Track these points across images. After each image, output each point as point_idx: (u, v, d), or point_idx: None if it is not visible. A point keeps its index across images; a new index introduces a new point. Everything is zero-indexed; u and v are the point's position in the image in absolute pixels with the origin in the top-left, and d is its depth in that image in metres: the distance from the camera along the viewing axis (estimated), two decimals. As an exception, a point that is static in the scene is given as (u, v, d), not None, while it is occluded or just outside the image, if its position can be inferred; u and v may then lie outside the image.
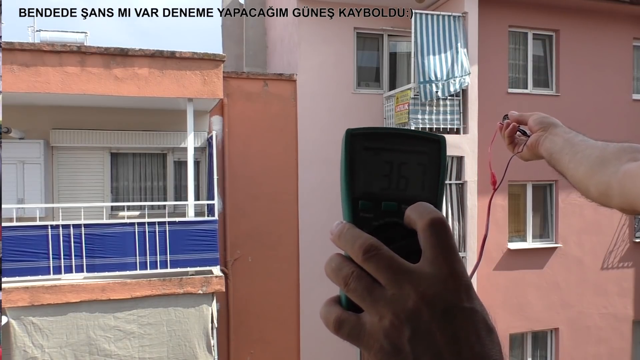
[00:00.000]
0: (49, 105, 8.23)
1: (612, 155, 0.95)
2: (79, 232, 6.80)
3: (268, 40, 12.13)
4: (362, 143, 0.43)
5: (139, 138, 8.79)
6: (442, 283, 0.40)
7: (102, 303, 6.71)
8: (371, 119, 9.60)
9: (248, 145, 9.13)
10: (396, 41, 10.15)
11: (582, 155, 1.01)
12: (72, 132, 8.48)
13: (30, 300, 6.47)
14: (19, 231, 6.70)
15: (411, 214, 0.42)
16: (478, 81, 8.95)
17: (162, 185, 9.19)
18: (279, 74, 9.51)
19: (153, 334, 6.85)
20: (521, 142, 1.20)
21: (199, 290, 7.01)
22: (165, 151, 9.13)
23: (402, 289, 0.40)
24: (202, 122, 9.01)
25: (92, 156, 8.75)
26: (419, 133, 0.44)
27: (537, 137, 1.14)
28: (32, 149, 8.22)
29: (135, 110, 8.63)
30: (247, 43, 12.24)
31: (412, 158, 0.44)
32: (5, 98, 7.09)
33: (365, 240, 0.41)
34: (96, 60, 7.13)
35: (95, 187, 8.77)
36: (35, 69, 6.92)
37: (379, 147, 0.43)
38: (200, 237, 7.26)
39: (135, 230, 7.01)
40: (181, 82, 7.41)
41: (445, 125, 8.75)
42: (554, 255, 10.11)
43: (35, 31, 9.48)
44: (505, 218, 9.71)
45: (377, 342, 0.39)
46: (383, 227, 0.42)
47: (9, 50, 6.76)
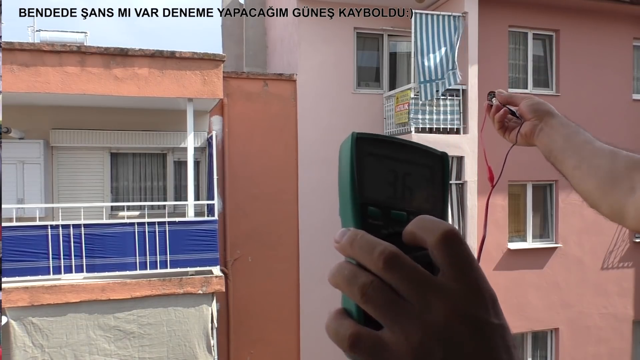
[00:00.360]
0: (49, 105, 8.23)
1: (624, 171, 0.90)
2: (78, 232, 6.80)
3: (268, 40, 12.12)
4: (368, 148, 0.41)
5: (138, 138, 8.79)
6: (471, 298, 0.37)
7: (102, 303, 6.71)
8: (371, 119, 9.60)
9: (248, 145, 9.13)
10: (396, 41, 10.15)
11: (589, 165, 0.95)
12: (72, 132, 8.48)
13: (30, 300, 6.47)
14: (19, 231, 6.69)
15: (416, 230, 0.39)
16: (478, 81, 8.95)
17: (162, 185, 9.19)
18: (279, 74, 9.52)
19: (153, 334, 6.85)
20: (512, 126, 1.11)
21: (199, 290, 7.00)
22: (165, 151, 9.13)
23: (430, 303, 0.36)
24: (202, 122, 9.01)
25: (92, 156, 8.75)
26: (422, 147, 0.43)
27: (531, 127, 1.06)
28: (32, 149, 8.22)
29: (135, 110, 8.63)
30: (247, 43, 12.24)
31: (416, 170, 0.43)
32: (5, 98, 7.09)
33: (385, 247, 0.37)
34: (96, 60, 7.13)
35: (95, 187, 8.77)
36: (35, 69, 6.92)
37: (384, 154, 0.42)
38: (200, 237, 7.26)
39: (135, 230, 7.01)
40: (181, 82, 7.41)
41: (445, 125, 8.75)
42: (554, 255, 10.11)
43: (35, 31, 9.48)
44: (505, 218, 9.71)
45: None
46: (393, 236, 0.40)
47: (9, 50, 6.76)
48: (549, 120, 1.04)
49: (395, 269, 0.36)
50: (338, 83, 9.58)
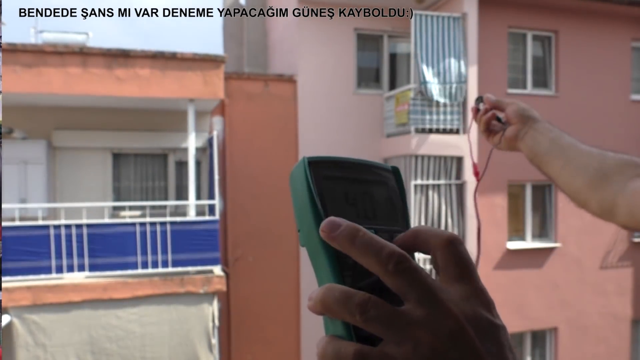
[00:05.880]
0: (51, 105, 8.27)
1: (614, 169, 0.92)
2: (81, 232, 6.83)
3: (269, 41, 12.16)
4: (322, 172, 0.40)
5: (140, 138, 8.83)
6: (476, 298, 0.37)
7: (104, 302, 6.75)
8: (371, 119, 9.65)
9: (249, 146, 9.17)
10: (396, 42, 10.20)
11: (577, 164, 0.97)
12: (74, 133, 8.52)
13: (33, 299, 6.51)
14: (22, 231, 6.73)
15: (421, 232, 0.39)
16: (477, 82, 8.99)
17: (163, 186, 9.23)
18: (279, 74, 9.56)
19: (154, 333, 6.88)
20: (497, 131, 1.15)
21: (200, 289, 7.04)
22: (167, 151, 9.17)
23: (438, 307, 0.35)
24: (203, 123, 9.05)
25: (94, 157, 8.79)
26: (373, 163, 0.43)
27: (515, 131, 1.09)
28: (35, 149, 8.26)
29: (137, 110, 8.67)
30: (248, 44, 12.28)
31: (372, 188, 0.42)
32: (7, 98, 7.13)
33: (393, 248, 0.36)
34: (98, 61, 7.17)
35: (97, 187, 8.81)
36: (38, 70, 6.96)
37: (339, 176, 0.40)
38: (201, 237, 7.30)
39: (136, 230, 7.04)
40: (182, 82, 7.45)
41: (445, 125, 8.79)
42: (553, 255, 10.15)
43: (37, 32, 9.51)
44: (505, 218, 9.74)
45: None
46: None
47: (12, 52, 6.80)
48: (533, 124, 1.07)
49: (407, 272, 0.35)
50: (338, 84, 9.62)
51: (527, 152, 1.07)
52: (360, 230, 0.36)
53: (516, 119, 1.09)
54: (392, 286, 0.36)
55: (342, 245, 0.36)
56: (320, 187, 0.39)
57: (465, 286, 0.37)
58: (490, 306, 0.37)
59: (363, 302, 0.35)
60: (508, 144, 1.11)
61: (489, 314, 0.37)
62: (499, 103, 1.15)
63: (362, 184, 0.41)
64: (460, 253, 0.38)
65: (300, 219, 0.39)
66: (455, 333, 0.34)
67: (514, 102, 1.12)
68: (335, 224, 0.36)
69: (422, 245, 0.39)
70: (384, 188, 0.43)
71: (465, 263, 0.38)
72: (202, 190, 9.16)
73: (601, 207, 0.94)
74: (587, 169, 0.95)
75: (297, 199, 0.40)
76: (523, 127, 1.08)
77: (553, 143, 1.02)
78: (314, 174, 0.39)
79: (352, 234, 0.36)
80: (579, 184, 0.97)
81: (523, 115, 1.08)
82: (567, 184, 1.00)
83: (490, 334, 0.36)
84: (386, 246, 0.36)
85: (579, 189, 0.97)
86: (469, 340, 0.34)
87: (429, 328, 0.34)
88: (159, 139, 8.91)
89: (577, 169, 0.97)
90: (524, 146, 1.07)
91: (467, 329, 0.35)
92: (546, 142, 1.03)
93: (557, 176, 1.02)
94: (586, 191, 0.96)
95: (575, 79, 10.19)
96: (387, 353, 0.34)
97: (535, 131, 1.06)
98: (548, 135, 1.04)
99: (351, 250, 0.36)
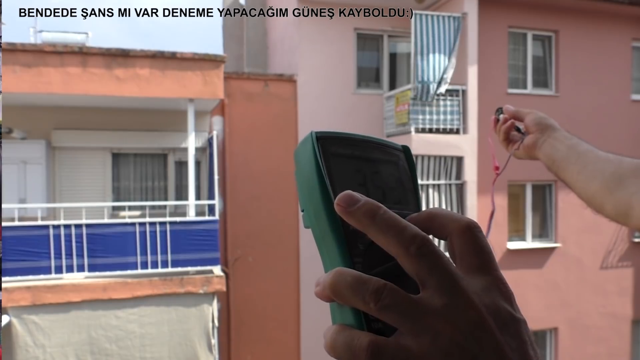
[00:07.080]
0: (51, 105, 8.26)
1: (630, 173, 0.92)
2: (80, 232, 6.83)
3: (269, 41, 12.15)
4: (330, 148, 0.37)
5: (140, 138, 8.82)
6: (495, 291, 0.35)
7: (104, 302, 6.74)
8: (371, 119, 9.64)
9: (249, 146, 9.17)
10: (396, 42, 10.19)
11: (593, 168, 0.97)
12: (74, 133, 8.51)
13: (32, 299, 6.50)
14: (21, 231, 6.73)
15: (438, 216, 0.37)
16: (478, 81, 8.98)
17: (163, 186, 9.22)
18: (279, 74, 9.55)
19: (154, 334, 6.87)
20: (515, 140, 1.17)
21: (199, 289, 7.03)
22: (166, 151, 9.16)
23: (459, 297, 0.33)
24: (202, 123, 9.04)
25: (93, 156, 8.78)
26: (383, 141, 0.41)
27: (534, 139, 1.10)
28: (34, 149, 8.25)
29: (137, 110, 8.66)
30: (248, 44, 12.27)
31: (382, 168, 0.40)
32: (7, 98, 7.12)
33: (416, 229, 0.34)
34: (98, 61, 7.16)
35: (96, 187, 8.80)
36: (37, 70, 6.95)
37: (348, 154, 0.38)
38: (201, 237, 7.29)
39: (136, 230, 7.03)
40: (182, 82, 7.44)
41: (445, 125, 8.78)
42: (554, 255, 10.14)
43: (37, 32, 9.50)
44: (505, 218, 9.74)
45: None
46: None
47: (12, 51, 6.79)
48: (552, 132, 1.09)
49: (430, 256, 0.33)
50: (338, 83, 9.62)
51: (545, 159, 1.08)
52: (382, 208, 0.34)
53: (535, 127, 1.11)
54: (410, 270, 0.33)
55: (361, 221, 0.34)
56: (329, 164, 0.37)
57: (486, 276, 0.35)
58: (511, 298, 0.36)
59: (378, 288, 0.32)
60: (527, 152, 1.13)
61: (509, 307, 0.35)
62: (518, 113, 1.17)
63: (372, 163, 0.39)
64: (480, 240, 0.36)
65: (306, 198, 0.37)
66: (476, 325, 0.32)
67: (533, 112, 1.15)
68: (353, 198, 0.34)
69: (438, 229, 0.37)
70: (394, 168, 0.41)
71: (486, 251, 0.36)
72: (201, 190, 9.15)
73: (617, 210, 0.94)
74: (603, 173, 0.96)
75: (303, 177, 0.37)
76: (542, 135, 1.09)
77: (570, 150, 1.03)
78: (323, 150, 0.37)
79: (373, 210, 0.34)
80: (595, 188, 0.97)
81: (541, 124, 1.10)
82: (583, 188, 1.01)
83: (511, 328, 0.34)
84: (409, 227, 0.34)
85: (595, 193, 0.98)
86: (490, 333, 0.32)
87: (448, 318, 0.32)
88: (159, 139, 8.90)
89: (593, 174, 0.98)
90: (542, 154, 1.08)
91: (489, 321, 0.33)
92: (564, 148, 1.04)
93: (574, 182, 1.02)
94: (602, 195, 0.96)
95: (576, 78, 10.18)
96: (403, 344, 0.32)
97: (554, 139, 1.07)
98: (566, 142, 1.05)
99: (370, 227, 0.34)
